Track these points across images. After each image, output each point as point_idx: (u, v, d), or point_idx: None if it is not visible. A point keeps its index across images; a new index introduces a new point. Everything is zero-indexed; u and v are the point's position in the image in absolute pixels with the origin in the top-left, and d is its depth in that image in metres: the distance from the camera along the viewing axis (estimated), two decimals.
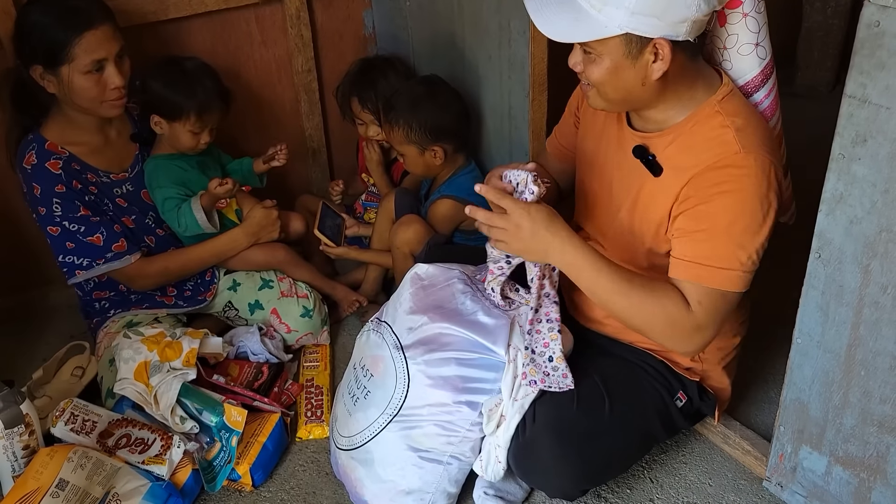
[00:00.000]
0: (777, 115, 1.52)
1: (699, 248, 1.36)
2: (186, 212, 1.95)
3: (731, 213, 1.34)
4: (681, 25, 1.27)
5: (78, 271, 1.88)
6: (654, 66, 1.31)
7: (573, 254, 1.38)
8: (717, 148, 1.35)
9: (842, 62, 3.30)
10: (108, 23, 1.78)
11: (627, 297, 1.39)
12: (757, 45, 1.44)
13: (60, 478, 1.55)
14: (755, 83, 1.47)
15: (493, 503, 1.60)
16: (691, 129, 1.39)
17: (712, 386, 1.64)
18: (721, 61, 1.48)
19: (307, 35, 2.30)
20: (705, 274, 1.36)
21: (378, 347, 1.59)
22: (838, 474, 1.49)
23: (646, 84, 1.34)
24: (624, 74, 1.33)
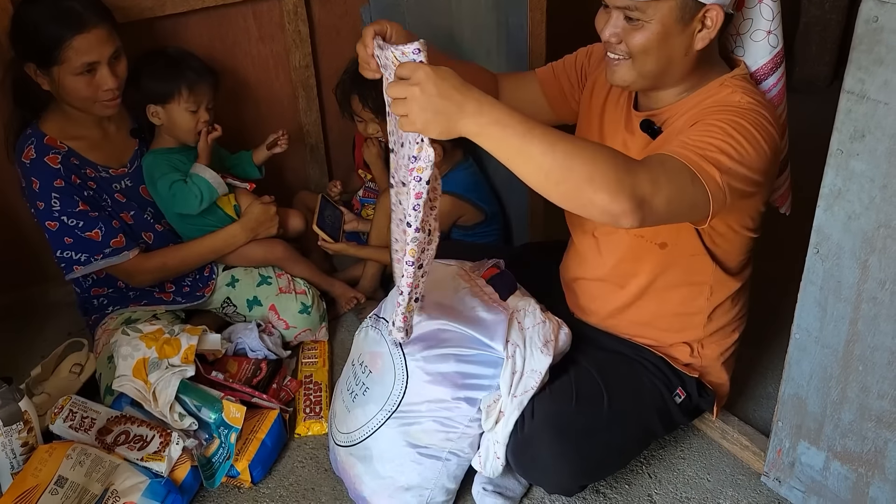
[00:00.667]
0: (783, 105, 1.52)
1: (684, 140, 1.26)
2: (198, 179, 1.96)
3: (729, 126, 1.27)
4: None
5: (76, 266, 1.88)
6: (700, 34, 1.31)
7: (493, 110, 1.12)
8: (725, 104, 1.33)
9: (839, 57, 3.30)
10: (103, 25, 1.77)
11: (568, 141, 1.13)
12: (770, 32, 1.44)
13: (59, 475, 1.55)
14: (765, 70, 1.47)
15: (491, 499, 1.60)
16: (699, 99, 1.39)
17: (711, 382, 1.64)
18: (734, 47, 1.48)
19: (305, 31, 2.29)
20: (684, 153, 1.22)
21: (376, 344, 1.59)
22: (836, 469, 1.49)
23: (689, 54, 1.34)
24: (671, 41, 1.31)
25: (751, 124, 1.29)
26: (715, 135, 1.26)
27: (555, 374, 1.54)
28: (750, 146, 1.27)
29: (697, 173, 1.20)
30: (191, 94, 1.94)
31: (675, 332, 1.59)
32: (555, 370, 1.53)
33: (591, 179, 1.12)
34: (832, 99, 1.26)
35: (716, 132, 1.26)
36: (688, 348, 1.60)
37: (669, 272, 1.52)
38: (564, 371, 1.55)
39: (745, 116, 1.30)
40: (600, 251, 1.58)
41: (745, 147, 1.26)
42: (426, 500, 1.57)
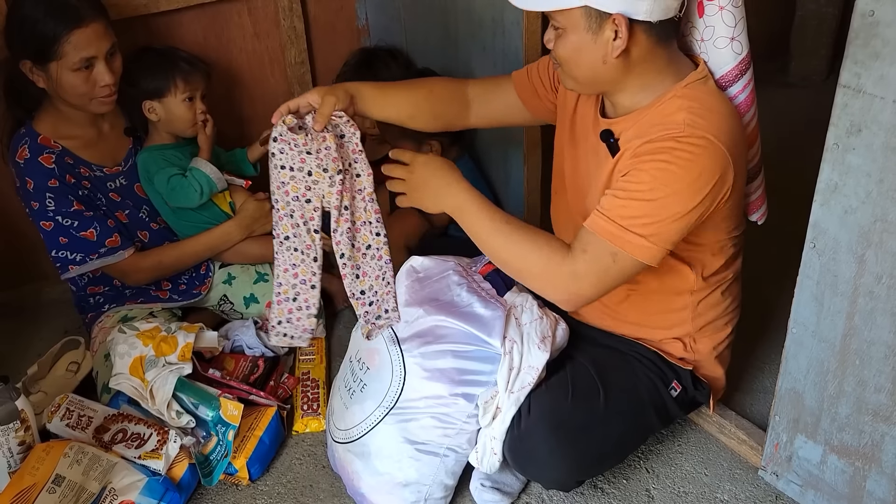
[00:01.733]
0: (752, 111, 1.51)
1: (612, 203, 1.33)
2: (197, 173, 1.95)
3: (654, 181, 1.30)
4: (640, 4, 1.27)
5: (71, 266, 1.88)
6: (614, 43, 1.31)
7: (461, 196, 1.43)
8: (665, 126, 1.33)
9: (836, 51, 3.30)
10: (100, 19, 1.76)
11: (506, 235, 1.39)
12: (733, 39, 1.44)
13: (57, 473, 1.54)
14: (729, 77, 1.47)
15: (489, 495, 1.61)
16: (651, 112, 1.38)
17: (705, 375, 1.64)
18: (699, 53, 1.48)
19: (300, 27, 2.29)
20: (609, 230, 1.32)
21: (374, 340, 1.59)
22: (833, 463, 1.49)
23: (607, 62, 1.34)
24: (586, 51, 1.33)
25: (689, 177, 1.30)
26: (640, 195, 1.31)
27: (551, 370, 1.54)
28: (675, 197, 1.30)
29: (621, 248, 1.32)
30: (186, 85, 1.94)
31: (664, 329, 1.60)
32: (551, 366, 1.54)
33: (521, 275, 1.42)
34: (829, 93, 1.26)
35: (642, 191, 1.31)
36: (680, 343, 1.60)
37: (646, 283, 1.52)
38: (561, 367, 1.55)
39: (677, 156, 1.29)
40: None
41: (669, 201, 1.30)
42: (424, 497, 1.57)
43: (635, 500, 1.64)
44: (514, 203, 2.21)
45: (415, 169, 1.46)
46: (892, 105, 1.16)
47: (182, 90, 1.94)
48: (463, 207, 1.43)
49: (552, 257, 1.36)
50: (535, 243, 1.38)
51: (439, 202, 1.45)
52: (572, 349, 1.59)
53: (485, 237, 1.42)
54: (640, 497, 1.64)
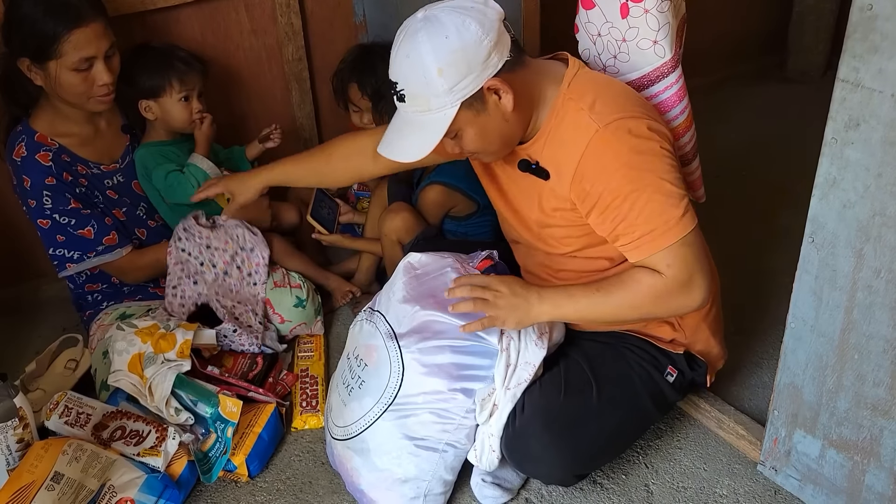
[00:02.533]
0: (682, 106, 1.58)
1: (635, 229, 1.37)
2: (194, 170, 1.95)
3: (630, 181, 1.35)
4: (490, 60, 1.32)
5: (69, 264, 1.87)
6: (503, 101, 1.36)
7: (549, 297, 1.46)
8: (580, 135, 1.38)
9: (833, 46, 3.30)
10: (99, 19, 1.76)
11: (608, 303, 1.43)
12: (655, 42, 1.50)
13: (55, 471, 1.54)
14: (651, 77, 1.53)
15: (490, 490, 1.61)
16: (555, 123, 1.43)
17: (699, 351, 1.64)
18: (618, 52, 1.53)
19: (297, 23, 2.28)
20: (656, 241, 1.37)
21: (371, 337, 1.59)
22: (832, 457, 1.50)
23: (508, 119, 1.39)
24: (488, 127, 1.39)
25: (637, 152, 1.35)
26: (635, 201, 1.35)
27: (545, 367, 1.54)
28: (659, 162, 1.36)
29: (680, 236, 1.36)
30: (182, 85, 1.93)
31: None
32: (546, 363, 1.54)
33: (648, 317, 1.50)
34: (827, 88, 1.26)
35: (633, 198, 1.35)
36: (667, 325, 1.60)
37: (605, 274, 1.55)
38: (554, 363, 1.56)
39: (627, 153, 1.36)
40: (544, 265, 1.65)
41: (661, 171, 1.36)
42: (424, 492, 1.57)
43: (634, 496, 1.64)
44: None
45: (496, 288, 1.46)
46: (891, 99, 1.16)
47: (178, 90, 1.93)
48: (556, 303, 1.45)
49: (654, 288, 1.39)
50: (631, 290, 1.41)
51: (527, 318, 1.46)
52: (565, 345, 1.60)
53: (593, 315, 1.48)
54: (639, 492, 1.65)
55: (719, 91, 3.21)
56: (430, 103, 1.34)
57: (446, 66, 1.30)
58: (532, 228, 1.57)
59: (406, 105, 1.37)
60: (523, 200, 1.55)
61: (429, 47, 1.31)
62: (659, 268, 1.39)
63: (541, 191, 1.48)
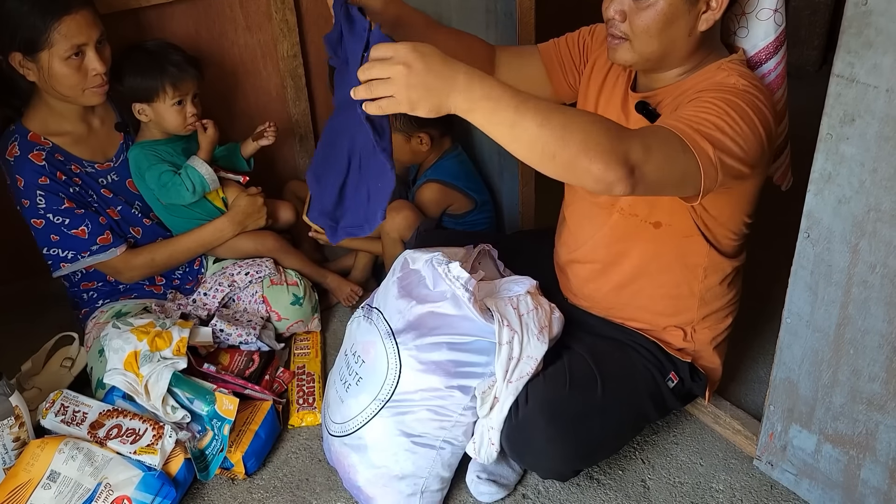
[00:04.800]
0: (783, 88, 1.53)
1: (679, 115, 1.26)
2: (192, 172, 1.94)
3: (722, 105, 1.26)
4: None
5: (63, 264, 1.87)
6: (705, 15, 1.32)
7: (483, 84, 1.09)
8: (718, 83, 1.34)
9: (829, 41, 3.30)
10: (87, 8, 1.75)
11: (562, 112, 1.11)
12: (776, 10, 1.44)
13: (52, 469, 1.54)
14: (768, 50, 1.47)
15: (485, 487, 1.61)
16: (694, 80, 1.39)
17: (703, 366, 1.65)
18: (737, 28, 1.48)
19: (292, 20, 2.27)
20: (677, 125, 1.22)
21: (369, 333, 1.59)
22: (828, 452, 1.50)
23: (692, 35, 1.34)
24: (676, 22, 1.32)
25: (746, 104, 1.29)
26: (710, 111, 1.25)
27: (548, 360, 1.54)
28: (745, 124, 1.26)
29: (690, 145, 1.19)
30: (175, 90, 1.91)
31: (668, 316, 1.60)
32: (548, 356, 1.54)
33: (587, 149, 1.10)
34: (822, 83, 1.26)
35: (711, 108, 1.26)
36: (681, 332, 1.60)
37: (663, 253, 1.52)
38: (558, 357, 1.55)
39: (741, 97, 1.30)
40: (594, 231, 1.58)
41: (739, 125, 1.25)
42: (421, 489, 1.57)
43: (631, 491, 1.64)
44: (508, 195, 2.21)
45: (403, 58, 1.07)
46: (886, 94, 1.16)
47: (171, 95, 1.91)
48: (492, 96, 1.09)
49: (621, 129, 1.16)
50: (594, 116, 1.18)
51: (441, 106, 1.09)
52: (569, 339, 1.59)
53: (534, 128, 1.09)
54: (635, 487, 1.65)
55: None
56: None
57: None
58: None
59: None
60: None
61: None
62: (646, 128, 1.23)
63: None
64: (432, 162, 2.15)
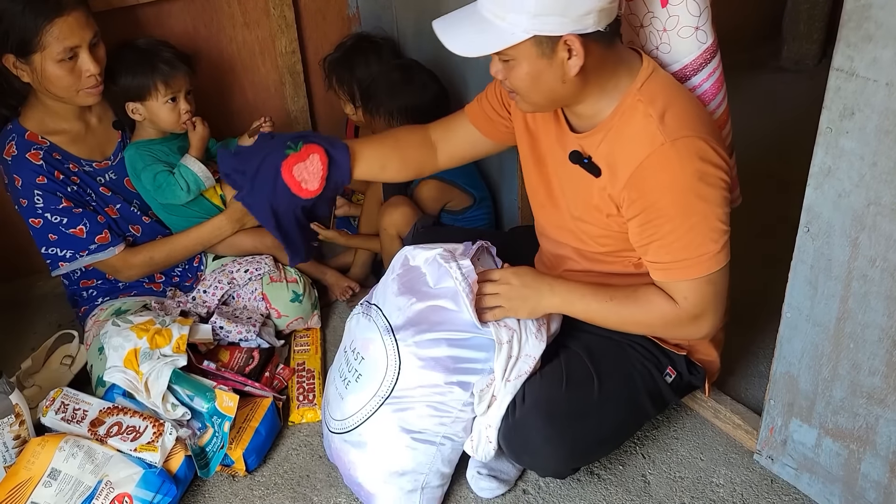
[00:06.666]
0: (720, 98, 1.53)
1: (669, 250, 1.36)
2: (185, 171, 1.94)
3: (681, 206, 1.33)
4: (586, 18, 1.27)
5: (61, 263, 1.87)
6: (570, 62, 1.31)
7: (561, 292, 1.48)
8: (644, 142, 1.34)
9: (828, 35, 3.30)
10: (80, 8, 1.73)
11: (617, 314, 1.46)
12: (697, 28, 1.45)
13: (52, 467, 1.54)
14: (693, 66, 1.48)
15: (486, 483, 1.61)
16: (618, 122, 1.39)
17: (700, 359, 1.64)
18: (660, 43, 1.48)
19: (290, 16, 2.27)
20: (684, 269, 1.37)
21: (368, 330, 1.59)
22: (828, 446, 1.50)
23: (566, 81, 1.34)
24: (543, 76, 1.33)
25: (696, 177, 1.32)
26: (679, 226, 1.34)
27: (545, 359, 1.54)
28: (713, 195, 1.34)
29: (708, 272, 1.36)
30: (167, 88, 1.90)
31: None
32: (545, 355, 1.53)
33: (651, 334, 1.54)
34: (821, 78, 1.26)
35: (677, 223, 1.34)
36: None
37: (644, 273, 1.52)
38: (555, 355, 1.56)
39: (686, 175, 1.32)
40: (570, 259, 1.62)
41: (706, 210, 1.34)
42: (421, 485, 1.57)
43: (631, 486, 1.64)
44: (508, 192, 2.20)
45: (506, 280, 1.49)
46: (885, 88, 1.16)
47: (163, 93, 1.90)
48: (568, 299, 1.48)
49: (666, 314, 1.41)
50: (643, 309, 1.43)
51: (538, 309, 1.49)
52: (566, 337, 1.59)
53: (600, 322, 1.50)
54: (636, 482, 1.65)
55: None
56: (508, 15, 1.27)
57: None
58: (567, 222, 1.54)
59: (486, 1, 1.31)
60: (567, 191, 1.51)
61: None
62: (676, 296, 1.39)
63: (589, 187, 1.44)
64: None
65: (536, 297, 1.48)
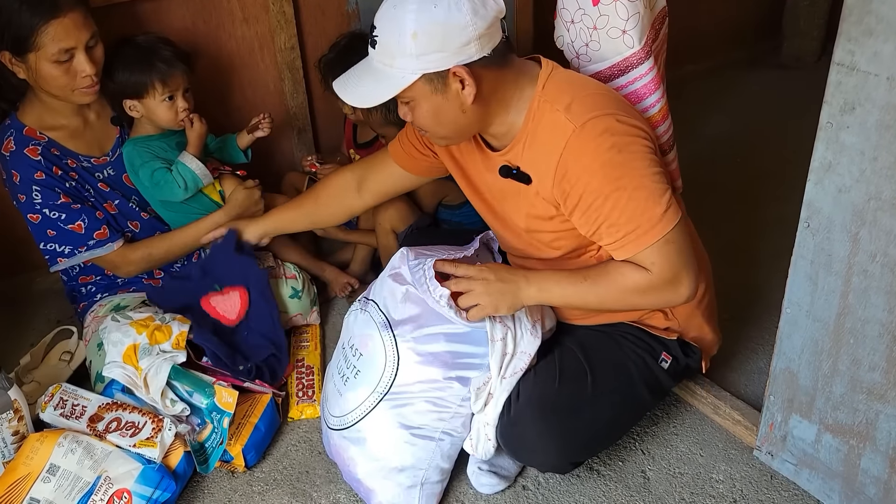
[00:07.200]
0: (657, 96, 1.57)
1: (618, 227, 1.37)
2: (183, 169, 1.93)
3: (610, 180, 1.34)
4: (467, 48, 1.31)
5: (60, 259, 1.86)
6: (464, 92, 1.35)
7: (536, 280, 1.47)
8: (557, 135, 1.37)
9: (828, 31, 3.30)
10: (78, 8, 1.71)
11: (594, 292, 1.44)
12: (624, 32, 1.49)
13: (51, 463, 1.54)
14: (619, 68, 1.52)
15: (486, 478, 1.61)
16: (532, 127, 1.41)
17: (693, 337, 1.64)
18: (589, 40, 1.52)
19: (289, 11, 2.27)
20: (640, 239, 1.36)
21: (366, 326, 1.59)
22: (828, 442, 1.50)
23: (465, 111, 1.38)
24: (443, 110, 1.37)
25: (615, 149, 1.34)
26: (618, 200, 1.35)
27: (539, 355, 1.54)
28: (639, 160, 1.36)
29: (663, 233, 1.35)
30: (164, 87, 1.88)
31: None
32: (539, 351, 1.54)
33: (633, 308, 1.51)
34: (821, 73, 1.26)
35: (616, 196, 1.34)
36: (660, 314, 1.60)
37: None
38: (548, 351, 1.56)
39: (606, 152, 1.34)
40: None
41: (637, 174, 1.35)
42: (420, 481, 1.57)
43: (631, 482, 1.64)
44: None
45: (483, 276, 1.47)
46: (886, 82, 1.16)
47: (161, 92, 1.88)
48: (544, 288, 1.46)
49: (639, 283, 1.40)
50: (615, 282, 1.42)
51: (517, 301, 1.47)
52: (559, 333, 1.60)
53: (579, 304, 1.51)
54: (635, 478, 1.65)
55: (714, 77, 3.21)
56: (395, 61, 1.33)
57: (422, 34, 1.29)
58: (521, 235, 1.56)
59: (375, 52, 1.37)
60: (508, 208, 1.54)
61: (414, 7, 1.29)
62: (644, 265, 1.38)
63: (526, 196, 1.47)
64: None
65: (513, 289, 1.46)
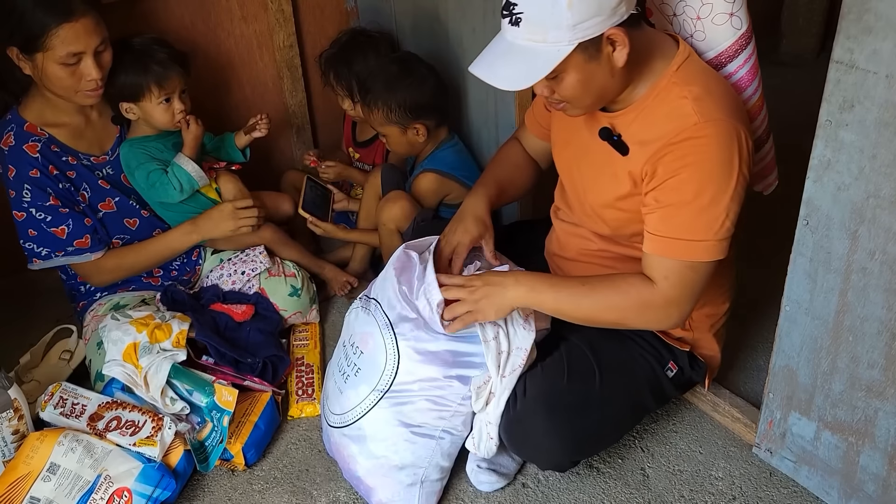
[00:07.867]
0: (755, 84, 1.51)
1: (671, 223, 1.35)
2: (178, 171, 1.93)
3: (696, 184, 1.32)
4: (619, 8, 1.27)
5: (35, 259, 1.87)
6: (616, 54, 1.31)
7: (526, 280, 1.45)
8: (677, 120, 1.34)
9: (827, 28, 3.30)
10: (91, 14, 1.72)
11: (590, 298, 1.42)
12: (732, 14, 1.43)
13: (51, 462, 1.54)
14: (728, 53, 1.46)
15: (486, 476, 1.61)
16: (652, 102, 1.39)
17: (703, 354, 1.65)
18: (694, 31, 1.47)
19: (288, 10, 2.27)
20: (677, 248, 1.35)
21: (367, 324, 1.59)
22: (827, 439, 1.50)
23: (615, 74, 1.34)
24: (594, 77, 1.33)
25: (720, 162, 1.31)
26: (686, 203, 1.33)
27: (546, 351, 1.54)
28: (729, 185, 1.33)
29: (694, 258, 1.35)
30: (160, 90, 1.88)
31: None
32: (546, 347, 1.54)
33: (622, 323, 1.45)
34: (820, 71, 1.26)
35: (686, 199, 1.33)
36: None
37: None
38: (556, 347, 1.55)
39: (702, 148, 1.31)
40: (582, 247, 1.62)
41: (715, 196, 1.32)
42: (420, 479, 1.57)
43: (630, 479, 1.64)
44: None
45: (470, 286, 1.46)
46: (885, 80, 1.16)
47: (157, 95, 1.88)
48: (534, 288, 1.44)
49: (642, 295, 1.38)
50: (618, 289, 1.41)
51: (504, 303, 1.44)
52: (567, 330, 1.59)
53: (569, 309, 1.45)
54: (635, 476, 1.65)
55: None
56: (548, 35, 1.25)
57: (577, 1, 1.22)
58: (585, 204, 1.53)
59: (519, 31, 1.28)
60: (588, 171, 1.51)
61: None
62: (657, 274, 1.38)
63: (612, 166, 1.44)
64: (429, 152, 2.15)
65: (500, 291, 1.43)
